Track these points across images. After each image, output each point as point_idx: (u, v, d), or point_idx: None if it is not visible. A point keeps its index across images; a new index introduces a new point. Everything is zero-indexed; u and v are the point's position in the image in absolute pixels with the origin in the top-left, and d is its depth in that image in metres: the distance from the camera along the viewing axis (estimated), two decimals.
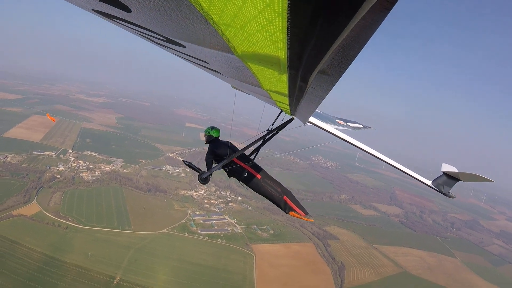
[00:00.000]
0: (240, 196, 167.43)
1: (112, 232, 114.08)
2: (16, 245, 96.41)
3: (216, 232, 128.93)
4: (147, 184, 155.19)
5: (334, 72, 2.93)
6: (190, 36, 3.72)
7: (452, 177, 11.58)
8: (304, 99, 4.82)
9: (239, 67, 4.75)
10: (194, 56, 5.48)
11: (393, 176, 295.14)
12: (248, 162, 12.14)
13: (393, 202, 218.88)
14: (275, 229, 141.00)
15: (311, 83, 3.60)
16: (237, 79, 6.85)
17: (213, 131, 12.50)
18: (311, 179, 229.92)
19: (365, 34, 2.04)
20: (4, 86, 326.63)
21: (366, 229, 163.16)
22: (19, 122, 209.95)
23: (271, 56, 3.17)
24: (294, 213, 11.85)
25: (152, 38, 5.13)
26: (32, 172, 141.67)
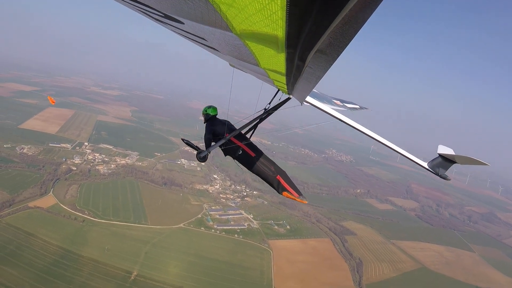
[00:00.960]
0: (255, 190, 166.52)
1: (128, 226, 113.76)
2: (32, 237, 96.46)
3: (232, 227, 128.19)
4: (162, 178, 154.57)
5: (332, 51, 2.98)
6: (189, 13, 3.71)
7: (448, 159, 11.58)
8: (301, 78, 4.77)
9: (237, 45, 4.70)
10: (193, 33, 5.44)
11: (408, 169, 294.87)
12: (244, 140, 12.08)
13: (409, 196, 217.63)
14: (292, 225, 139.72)
15: (308, 62, 3.61)
16: (235, 57, 6.77)
17: (210, 109, 12.65)
18: (326, 173, 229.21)
19: (364, 13, 2.05)
20: (20, 78, 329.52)
21: (383, 223, 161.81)
22: (35, 113, 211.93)
23: (269, 35, 3.23)
24: (287, 193, 11.72)
25: (151, 14, 5.12)
26: (49, 164, 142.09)
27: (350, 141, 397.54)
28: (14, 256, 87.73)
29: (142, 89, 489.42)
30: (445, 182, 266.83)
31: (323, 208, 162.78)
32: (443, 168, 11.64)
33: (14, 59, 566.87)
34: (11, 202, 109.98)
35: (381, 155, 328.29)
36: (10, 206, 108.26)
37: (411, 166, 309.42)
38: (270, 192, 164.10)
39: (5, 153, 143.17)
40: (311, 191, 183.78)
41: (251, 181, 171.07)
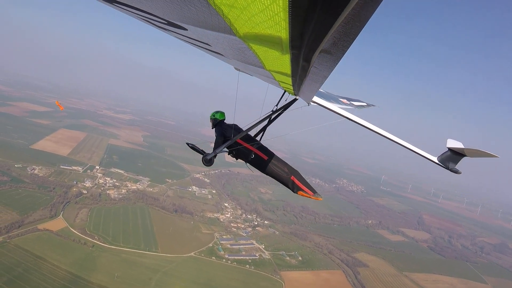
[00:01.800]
0: (266, 220, 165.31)
1: (138, 253, 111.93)
2: (41, 260, 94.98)
3: (244, 257, 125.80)
4: (173, 205, 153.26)
5: (337, 50, 3.01)
6: (191, 18, 3.74)
7: (458, 153, 11.41)
8: (307, 78, 4.82)
9: (241, 48, 4.73)
10: (196, 38, 5.44)
11: (419, 200, 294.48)
12: (255, 144, 12.06)
13: (420, 227, 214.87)
14: (304, 256, 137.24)
15: (313, 63, 3.68)
16: (240, 61, 6.77)
17: (218, 114, 12.70)
18: (337, 203, 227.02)
19: (367, 11, 2.09)
20: (34, 98, 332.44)
21: (395, 255, 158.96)
22: (47, 134, 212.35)
23: (273, 36, 3.26)
24: (302, 192, 11.70)
25: (154, 22, 5.11)
26: (59, 186, 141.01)
27: (361, 171, 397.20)
28: (22, 279, 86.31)
29: (154, 114, 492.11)
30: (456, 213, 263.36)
31: (335, 239, 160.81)
32: (453, 162, 11.48)
33: (27, 78, 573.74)
34: (20, 223, 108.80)
35: (392, 185, 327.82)
36: (19, 227, 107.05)
37: (423, 197, 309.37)
38: (281, 222, 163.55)
39: (16, 173, 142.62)
40: (322, 222, 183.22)
41: (262, 211, 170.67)
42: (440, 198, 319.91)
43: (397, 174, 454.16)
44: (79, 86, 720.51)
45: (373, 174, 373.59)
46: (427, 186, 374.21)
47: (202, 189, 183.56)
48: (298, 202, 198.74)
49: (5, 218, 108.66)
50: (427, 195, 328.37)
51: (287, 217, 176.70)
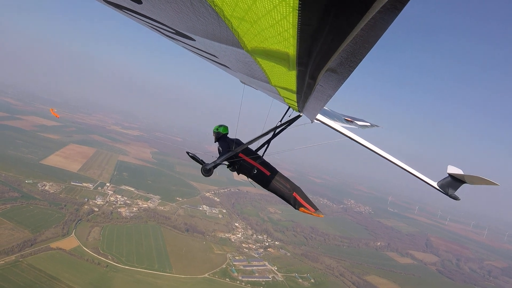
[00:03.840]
0: (277, 240, 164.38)
1: (152, 274, 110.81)
2: (55, 281, 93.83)
3: (257, 279, 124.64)
4: (185, 224, 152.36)
5: (343, 70, 3.04)
6: (200, 29, 3.78)
7: (458, 179, 11.52)
8: (312, 96, 4.89)
9: (248, 62, 4.77)
10: (204, 50, 5.47)
11: (426, 222, 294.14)
12: (258, 159, 12.14)
13: (429, 250, 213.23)
14: (316, 278, 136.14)
15: (319, 81, 3.73)
16: (246, 74, 6.72)
17: (221, 128, 12.90)
18: (346, 224, 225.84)
19: (375, 33, 2.13)
20: (42, 112, 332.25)
21: (406, 278, 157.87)
22: (56, 150, 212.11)
23: (280, 52, 3.28)
24: (304, 209, 11.80)
25: (162, 31, 5.15)
26: (70, 204, 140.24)
27: (366, 191, 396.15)
28: None
29: (161, 130, 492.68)
30: (464, 236, 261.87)
31: (345, 261, 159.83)
32: (453, 188, 11.63)
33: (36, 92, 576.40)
34: (32, 242, 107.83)
35: (398, 206, 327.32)
36: (32, 246, 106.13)
37: (429, 219, 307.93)
38: (292, 243, 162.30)
39: (27, 189, 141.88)
40: (332, 243, 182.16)
41: (272, 231, 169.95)
42: (447, 220, 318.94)
43: (403, 194, 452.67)
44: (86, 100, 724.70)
45: (379, 194, 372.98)
46: (434, 208, 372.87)
47: (213, 208, 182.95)
48: (308, 223, 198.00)
49: (18, 236, 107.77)
50: (434, 217, 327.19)
51: (297, 238, 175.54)
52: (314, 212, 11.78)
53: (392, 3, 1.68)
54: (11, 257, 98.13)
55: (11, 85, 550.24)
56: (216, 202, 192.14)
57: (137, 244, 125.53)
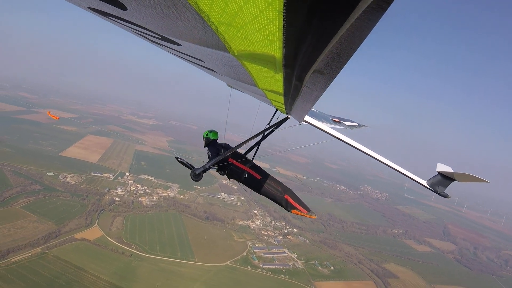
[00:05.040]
0: (296, 228, 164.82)
1: (176, 263, 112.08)
2: (81, 271, 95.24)
3: (278, 266, 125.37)
4: (204, 212, 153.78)
5: (330, 71, 3.03)
6: (185, 34, 3.76)
7: (447, 177, 11.56)
8: (299, 98, 4.88)
9: (234, 65, 4.77)
10: (190, 54, 5.46)
11: (444, 209, 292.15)
12: (248, 163, 12.18)
13: (446, 238, 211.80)
14: (335, 265, 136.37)
15: (306, 82, 3.70)
16: (233, 78, 6.83)
17: (210, 133, 12.92)
18: (363, 211, 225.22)
19: (361, 33, 2.11)
20: (59, 105, 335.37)
21: (424, 267, 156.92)
22: (75, 141, 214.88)
23: (267, 55, 3.26)
24: (296, 211, 11.72)
25: (148, 37, 5.15)
26: (92, 194, 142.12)
27: (383, 177, 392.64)
28: None
29: (176, 119, 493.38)
30: (481, 224, 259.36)
31: (364, 248, 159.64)
32: (443, 186, 11.66)
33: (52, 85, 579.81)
34: (57, 233, 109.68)
35: (415, 193, 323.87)
36: (56, 237, 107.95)
37: (447, 206, 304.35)
38: (310, 230, 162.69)
39: (49, 181, 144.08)
40: (350, 230, 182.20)
41: (290, 218, 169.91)
42: (464, 207, 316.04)
43: None
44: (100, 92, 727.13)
45: (396, 180, 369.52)
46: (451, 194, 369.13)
47: (231, 196, 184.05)
48: (325, 209, 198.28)
49: (42, 228, 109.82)
50: (451, 204, 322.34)
51: (315, 225, 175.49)
52: (306, 213, 11.76)
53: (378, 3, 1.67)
54: (37, 249, 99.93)
55: (24, 80, 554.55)
56: (234, 190, 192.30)
57: (159, 233, 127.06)
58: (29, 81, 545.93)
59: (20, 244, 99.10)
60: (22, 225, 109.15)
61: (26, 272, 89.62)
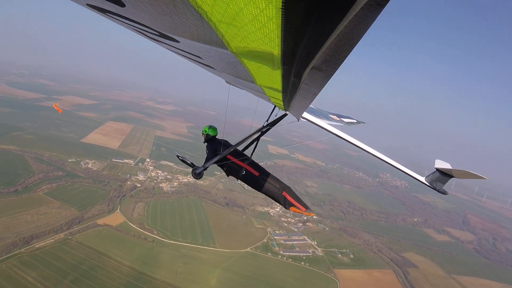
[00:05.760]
0: (315, 215, 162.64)
1: (197, 249, 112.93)
2: (104, 257, 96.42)
3: (298, 254, 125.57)
4: (224, 198, 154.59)
5: (328, 68, 3.04)
6: (183, 31, 3.75)
7: (446, 173, 11.52)
8: (297, 95, 4.86)
9: (232, 62, 4.75)
10: (188, 51, 5.45)
11: (463, 198, 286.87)
12: (246, 160, 12.12)
13: (465, 227, 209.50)
14: (355, 253, 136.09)
15: (304, 79, 3.69)
16: (231, 75, 6.78)
17: (210, 130, 12.85)
18: (382, 199, 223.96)
19: (359, 30, 2.11)
20: (78, 91, 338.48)
21: (443, 256, 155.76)
22: (95, 127, 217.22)
23: (265, 52, 3.26)
24: (294, 208, 11.75)
25: (146, 33, 5.12)
26: (113, 180, 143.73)
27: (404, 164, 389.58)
28: (88, 277, 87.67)
29: (194, 104, 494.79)
30: (500, 214, 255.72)
31: (383, 237, 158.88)
32: (441, 182, 11.65)
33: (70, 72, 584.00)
34: (80, 219, 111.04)
35: None
36: (79, 223, 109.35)
37: (466, 195, 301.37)
38: (330, 218, 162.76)
39: (70, 168, 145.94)
40: (369, 218, 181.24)
41: (310, 205, 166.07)
42: (484, 197, 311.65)
43: None
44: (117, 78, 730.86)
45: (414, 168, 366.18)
46: (470, 183, 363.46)
47: None
48: (345, 197, 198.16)
49: (65, 215, 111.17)
50: (471, 193, 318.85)
51: (334, 212, 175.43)
52: (305, 211, 11.84)
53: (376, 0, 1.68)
54: (60, 235, 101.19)
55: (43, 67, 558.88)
56: None
57: (181, 219, 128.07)
58: (47, 69, 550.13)
59: (43, 230, 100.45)
60: (45, 211, 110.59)
61: (50, 258, 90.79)
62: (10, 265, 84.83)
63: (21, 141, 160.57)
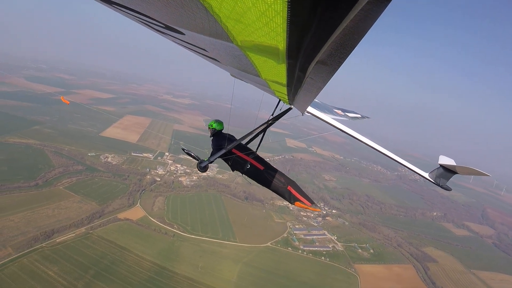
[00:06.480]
0: (334, 209, 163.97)
1: (217, 243, 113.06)
2: (125, 251, 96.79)
3: (318, 248, 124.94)
4: (244, 192, 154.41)
5: (333, 62, 3.03)
6: (189, 23, 3.75)
7: (449, 170, 11.51)
8: (302, 89, 4.83)
9: (238, 55, 4.75)
10: (193, 43, 5.40)
11: (482, 192, 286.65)
12: (251, 154, 12.01)
13: (484, 222, 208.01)
14: (375, 248, 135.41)
15: (309, 73, 3.68)
16: (236, 68, 6.76)
17: (215, 124, 12.81)
18: (401, 193, 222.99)
19: (365, 24, 2.10)
20: (96, 85, 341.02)
21: (462, 251, 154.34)
22: (114, 121, 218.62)
23: (270, 45, 3.27)
24: (299, 203, 11.47)
25: (152, 25, 5.10)
26: (133, 174, 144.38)
27: (419, 157, 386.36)
28: (110, 271, 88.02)
29: (210, 97, 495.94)
30: None
31: (403, 231, 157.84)
32: (444, 178, 11.60)
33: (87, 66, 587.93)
34: (100, 213, 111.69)
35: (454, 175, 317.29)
36: (100, 217, 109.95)
37: (485, 189, 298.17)
38: (349, 212, 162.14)
39: (90, 162, 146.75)
40: (388, 213, 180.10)
41: (329, 199, 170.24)
42: (503, 191, 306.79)
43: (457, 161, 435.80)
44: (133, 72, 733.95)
45: (431, 161, 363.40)
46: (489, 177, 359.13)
47: None
48: (363, 191, 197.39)
49: (86, 209, 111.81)
50: (489, 186, 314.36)
51: (353, 206, 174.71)
52: (310, 205, 11.63)
53: None
54: (81, 230, 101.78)
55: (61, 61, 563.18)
56: None
57: (201, 213, 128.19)
58: (65, 62, 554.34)
59: (64, 224, 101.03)
60: (66, 205, 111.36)
61: (71, 252, 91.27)
62: (31, 259, 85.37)
63: (40, 135, 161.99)
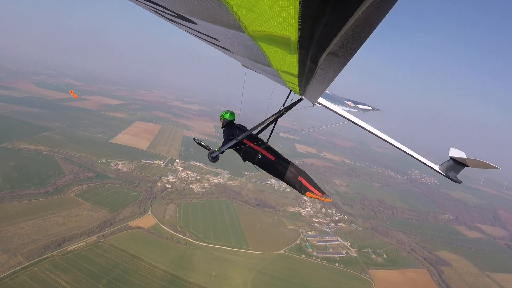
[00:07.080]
0: (346, 214, 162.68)
1: (230, 251, 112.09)
2: (138, 260, 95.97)
3: (332, 255, 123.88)
4: (255, 199, 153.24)
5: (344, 53, 3.04)
6: (201, 13, 3.80)
7: (460, 162, 11.39)
8: (313, 80, 4.89)
9: (249, 45, 4.77)
10: (205, 33, 5.47)
11: (493, 193, 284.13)
12: (262, 144, 12.24)
13: (497, 223, 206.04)
14: (388, 253, 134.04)
15: (321, 64, 3.71)
16: (247, 58, 6.77)
17: (227, 114, 13.17)
18: (412, 196, 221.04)
19: (377, 15, 2.10)
20: (105, 91, 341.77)
21: (476, 254, 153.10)
22: (124, 128, 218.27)
23: (282, 35, 3.29)
24: (310, 193, 11.69)
25: (164, 14, 5.20)
26: (144, 181, 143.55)
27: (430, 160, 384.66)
28: (123, 281, 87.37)
29: (220, 103, 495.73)
30: None
31: (416, 235, 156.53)
32: (455, 171, 11.51)
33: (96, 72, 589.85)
34: (111, 221, 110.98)
35: (464, 177, 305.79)
36: (111, 225, 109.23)
37: (496, 190, 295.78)
38: (361, 217, 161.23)
39: (100, 169, 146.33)
40: (400, 217, 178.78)
41: (340, 204, 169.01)
42: None
43: None
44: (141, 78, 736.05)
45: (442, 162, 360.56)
46: (499, 178, 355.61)
47: (281, 182, 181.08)
48: (374, 195, 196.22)
49: (97, 217, 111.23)
50: (500, 187, 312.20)
51: (365, 211, 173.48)
52: (321, 196, 11.76)
53: None
54: (92, 238, 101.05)
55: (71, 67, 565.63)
56: None
57: (212, 220, 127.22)
58: (75, 68, 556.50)
59: (75, 232, 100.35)
60: (76, 213, 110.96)
61: (83, 261, 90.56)
62: (42, 268, 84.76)
63: (50, 142, 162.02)
